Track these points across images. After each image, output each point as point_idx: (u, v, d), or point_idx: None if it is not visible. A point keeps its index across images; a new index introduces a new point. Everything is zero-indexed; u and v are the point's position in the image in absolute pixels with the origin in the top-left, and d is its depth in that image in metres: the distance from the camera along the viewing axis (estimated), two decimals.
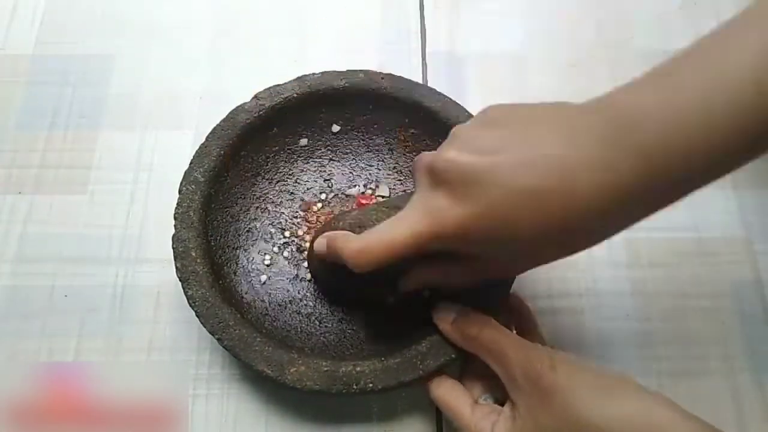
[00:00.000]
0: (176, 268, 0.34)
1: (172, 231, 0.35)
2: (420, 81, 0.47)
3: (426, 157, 0.29)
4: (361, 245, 0.28)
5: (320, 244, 0.32)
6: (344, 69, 0.41)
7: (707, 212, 0.42)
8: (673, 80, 0.23)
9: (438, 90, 0.40)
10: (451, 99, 0.40)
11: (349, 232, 0.31)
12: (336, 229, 0.34)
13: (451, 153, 0.27)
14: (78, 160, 0.44)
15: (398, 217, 0.29)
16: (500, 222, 0.25)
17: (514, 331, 0.36)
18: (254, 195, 0.40)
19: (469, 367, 0.33)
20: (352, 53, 0.48)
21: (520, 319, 0.36)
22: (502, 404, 0.31)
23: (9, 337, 0.38)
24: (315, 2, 0.51)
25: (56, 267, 0.40)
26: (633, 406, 0.27)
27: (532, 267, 0.30)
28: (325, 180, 0.42)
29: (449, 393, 0.33)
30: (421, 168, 0.28)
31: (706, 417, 0.36)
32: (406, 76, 0.41)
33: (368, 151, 0.42)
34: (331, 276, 0.37)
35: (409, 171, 0.42)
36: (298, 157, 0.42)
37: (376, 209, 0.34)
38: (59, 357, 0.38)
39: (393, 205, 0.33)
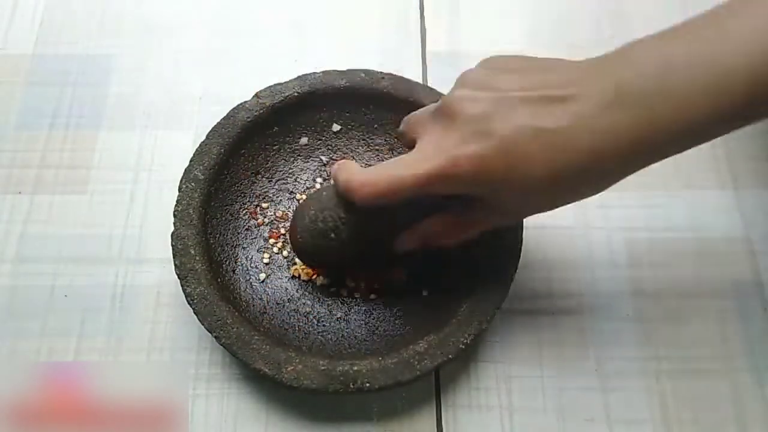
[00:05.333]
0: (175, 265, 0.34)
1: (172, 229, 0.35)
2: (420, 81, 0.46)
3: (418, 112, 0.28)
4: (366, 177, 0.28)
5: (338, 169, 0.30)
6: (344, 69, 0.41)
7: (707, 212, 0.42)
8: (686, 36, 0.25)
9: (438, 90, 0.40)
10: None
11: (356, 163, 0.30)
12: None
13: (465, 91, 0.26)
14: (78, 160, 0.44)
15: (403, 158, 0.27)
16: (513, 157, 0.25)
17: None
18: (254, 193, 0.40)
19: None
20: (352, 53, 0.48)
21: None
22: None
23: (9, 337, 0.38)
24: (315, 2, 0.51)
25: (56, 267, 0.40)
26: None
27: (536, 212, 0.29)
28: (324, 179, 0.42)
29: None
30: (424, 116, 0.28)
31: (706, 417, 0.36)
32: (406, 76, 0.41)
33: (368, 151, 0.42)
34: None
35: None
36: (298, 155, 0.42)
37: None
38: (59, 357, 0.38)
39: None
